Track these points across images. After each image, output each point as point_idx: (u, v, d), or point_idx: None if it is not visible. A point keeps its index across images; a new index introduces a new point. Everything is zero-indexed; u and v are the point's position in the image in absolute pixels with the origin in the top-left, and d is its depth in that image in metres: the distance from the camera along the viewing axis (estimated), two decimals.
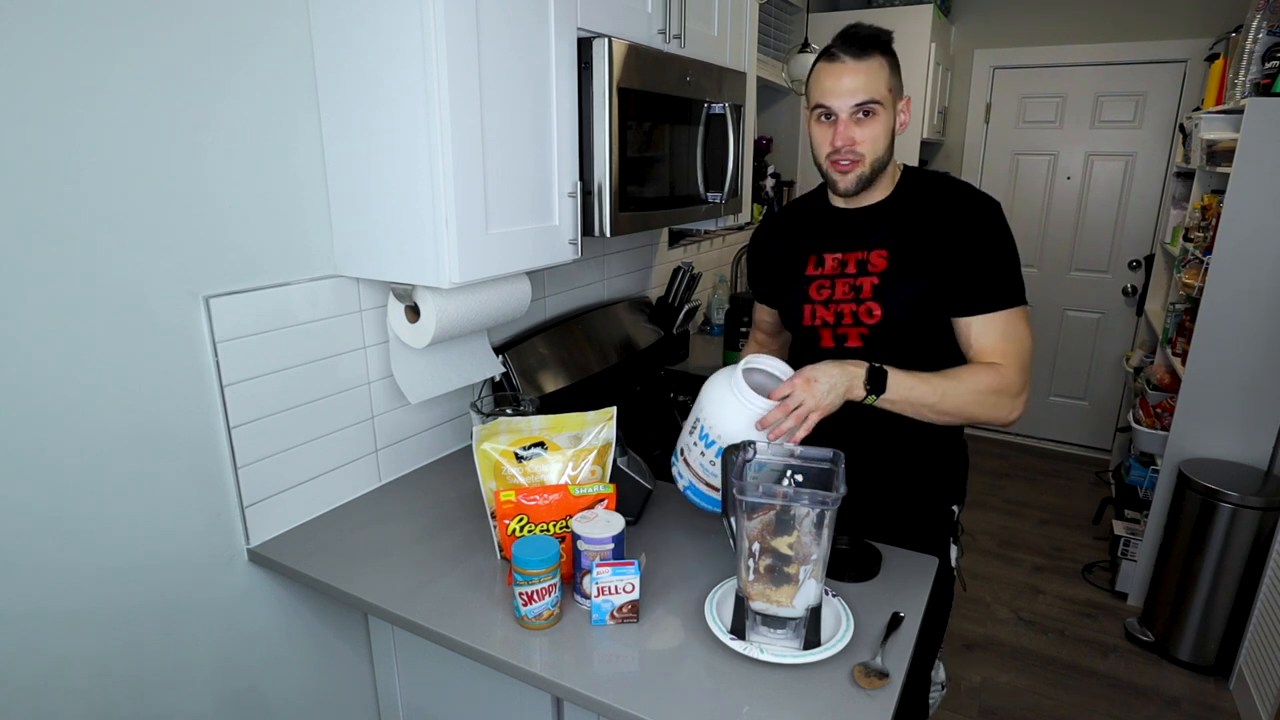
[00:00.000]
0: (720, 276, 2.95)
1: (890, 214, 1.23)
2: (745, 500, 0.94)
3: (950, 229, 1.18)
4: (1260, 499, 2.12)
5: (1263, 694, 1.97)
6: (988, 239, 1.18)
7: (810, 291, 1.28)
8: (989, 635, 2.44)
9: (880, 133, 1.15)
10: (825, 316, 1.27)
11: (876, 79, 1.12)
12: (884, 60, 1.13)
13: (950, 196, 1.22)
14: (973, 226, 1.18)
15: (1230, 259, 2.23)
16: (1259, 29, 2.23)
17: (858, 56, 1.11)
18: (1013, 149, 3.82)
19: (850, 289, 1.24)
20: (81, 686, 1.04)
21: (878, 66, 1.12)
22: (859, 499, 1.30)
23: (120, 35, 0.97)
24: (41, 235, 0.92)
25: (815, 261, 1.28)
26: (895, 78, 1.16)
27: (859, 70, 1.11)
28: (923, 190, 1.23)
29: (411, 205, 1.14)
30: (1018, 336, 1.18)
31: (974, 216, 1.19)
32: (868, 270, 1.23)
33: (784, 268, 1.34)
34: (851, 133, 1.14)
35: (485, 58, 1.12)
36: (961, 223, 1.19)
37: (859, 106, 1.12)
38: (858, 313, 1.23)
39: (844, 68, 1.12)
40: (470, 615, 1.05)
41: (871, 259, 1.22)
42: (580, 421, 1.20)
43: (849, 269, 1.24)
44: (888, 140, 1.17)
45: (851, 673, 0.94)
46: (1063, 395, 3.97)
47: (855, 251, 1.24)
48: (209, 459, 1.15)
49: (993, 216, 1.19)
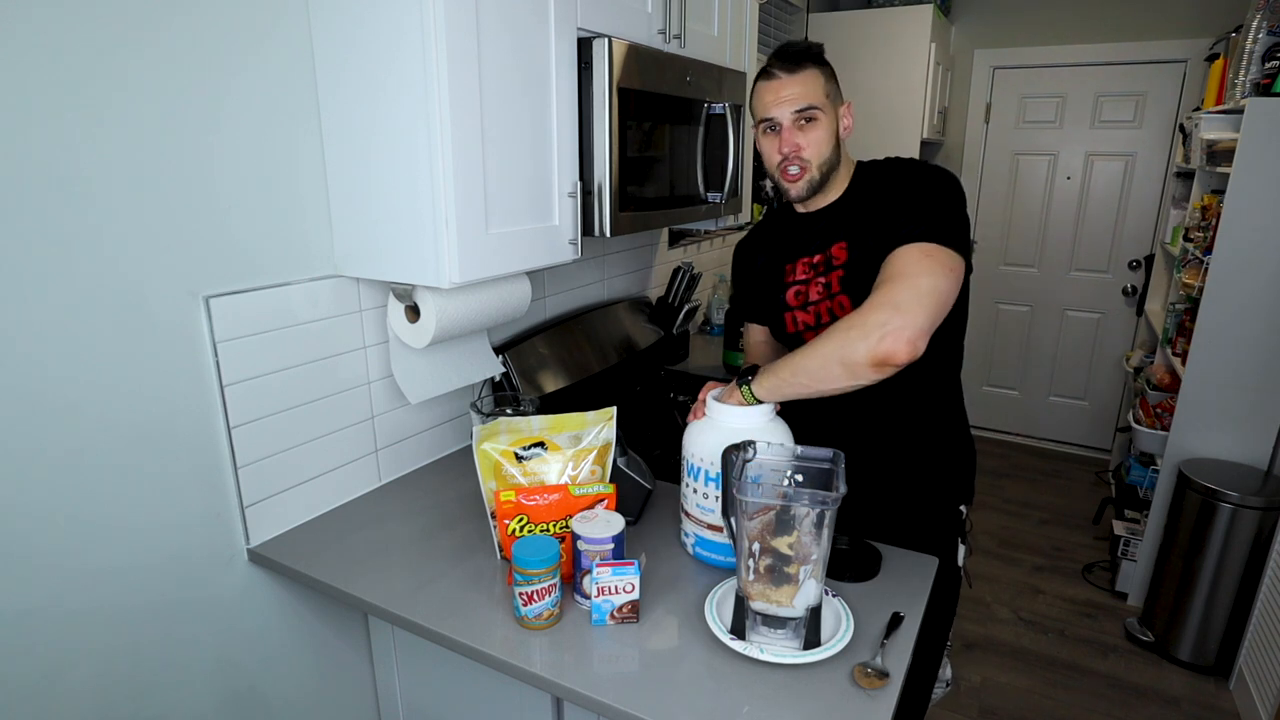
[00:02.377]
0: (720, 276, 2.95)
1: (847, 209, 1.25)
2: (745, 500, 0.94)
3: (890, 190, 1.19)
4: (1260, 499, 2.12)
5: (1263, 694, 1.97)
6: (918, 185, 1.16)
7: (789, 298, 1.30)
8: (989, 635, 2.45)
9: (823, 137, 1.19)
10: (805, 319, 1.28)
11: (812, 87, 1.17)
12: (818, 70, 1.18)
13: (896, 172, 1.22)
14: (907, 180, 1.18)
15: (1230, 259, 2.23)
16: (1259, 29, 2.23)
17: (791, 70, 1.17)
18: (1013, 149, 3.82)
19: (823, 288, 1.25)
20: (81, 686, 1.04)
21: (813, 76, 1.17)
22: (865, 498, 1.30)
23: (122, 38, 0.97)
24: (42, 235, 0.92)
25: (790, 270, 1.31)
26: (832, 85, 1.20)
27: (794, 81, 1.17)
28: (873, 178, 1.25)
29: (411, 205, 1.14)
30: (921, 267, 1.05)
31: (911, 173, 1.19)
32: (833, 265, 1.24)
33: (765, 281, 1.36)
34: (795, 139, 1.18)
35: (485, 58, 1.12)
36: (899, 180, 1.19)
37: (799, 114, 1.17)
38: (832, 308, 1.24)
39: (780, 82, 1.18)
40: (470, 615, 1.05)
41: (833, 253, 1.24)
42: (580, 421, 1.20)
43: (820, 269, 1.26)
44: (831, 144, 1.20)
45: (851, 673, 0.94)
46: (1063, 395, 3.97)
47: (820, 251, 1.26)
48: (209, 459, 1.15)
49: (932, 170, 1.18)
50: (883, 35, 3.30)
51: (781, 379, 1.10)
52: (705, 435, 1.15)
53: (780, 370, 1.10)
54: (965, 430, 1.36)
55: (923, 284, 1.04)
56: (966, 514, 1.38)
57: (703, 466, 1.14)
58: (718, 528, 1.15)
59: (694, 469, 1.16)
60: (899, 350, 1.00)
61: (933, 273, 1.05)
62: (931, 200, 1.13)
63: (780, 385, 1.10)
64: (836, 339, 1.04)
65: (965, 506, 1.37)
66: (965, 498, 1.37)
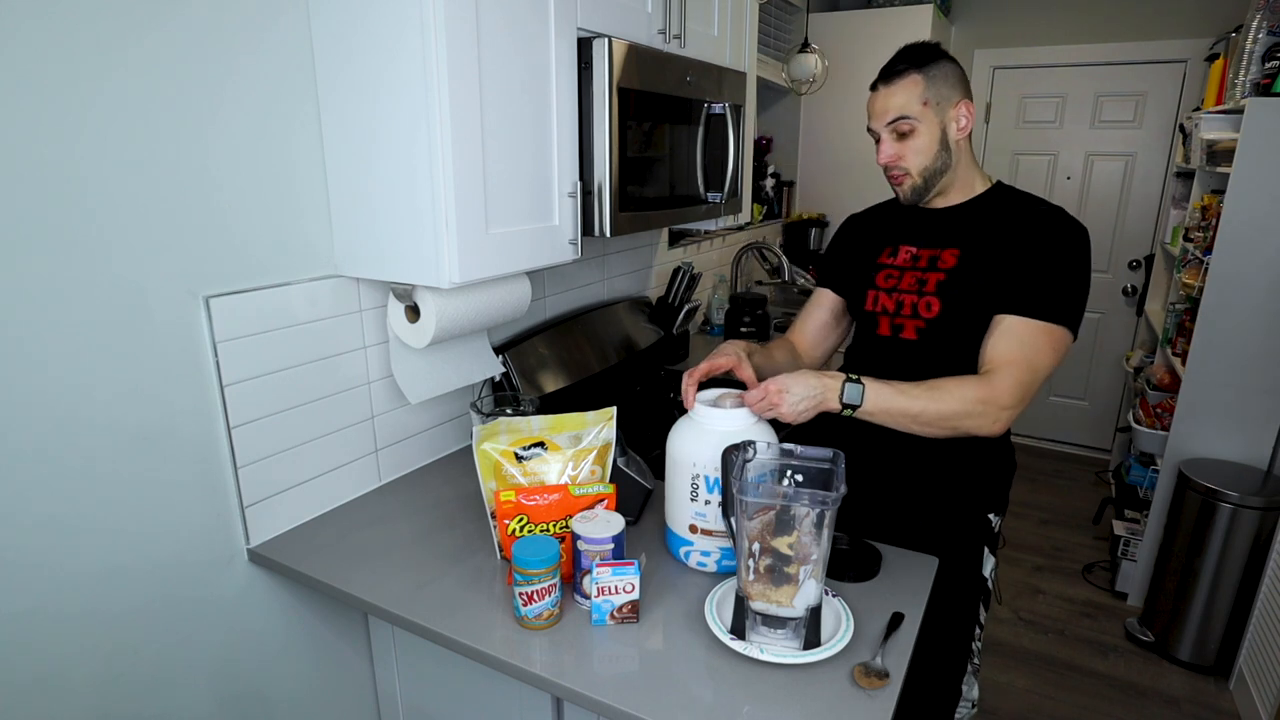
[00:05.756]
0: (720, 276, 2.95)
1: (971, 220, 1.26)
2: (745, 500, 0.94)
3: (1026, 236, 1.19)
4: (1260, 499, 2.12)
5: (1263, 694, 1.97)
6: (1056, 251, 1.18)
7: (878, 279, 1.32)
8: (989, 635, 2.44)
9: (922, 145, 1.21)
10: (886, 304, 1.29)
11: (909, 97, 1.19)
12: (919, 76, 1.19)
13: (1036, 210, 1.23)
14: (1047, 236, 1.19)
15: (1230, 259, 2.23)
16: (1259, 29, 2.23)
17: (887, 81, 1.21)
18: (1013, 149, 3.82)
19: (916, 282, 1.27)
20: (82, 686, 1.04)
21: (911, 84, 1.19)
22: (887, 498, 1.29)
23: (121, 36, 0.97)
24: (42, 235, 0.92)
25: (890, 251, 1.33)
26: (938, 88, 1.20)
27: (889, 94, 1.21)
28: (1011, 202, 1.26)
29: (411, 205, 1.14)
30: (1036, 351, 1.15)
31: (1053, 229, 1.20)
32: (937, 266, 1.25)
33: (861, 253, 1.38)
34: (891, 149, 1.23)
35: (485, 58, 1.12)
36: (1038, 232, 1.20)
37: (891, 125, 1.21)
38: (917, 305, 1.25)
39: (876, 95, 1.23)
40: (470, 615, 1.05)
41: (943, 256, 1.25)
42: (580, 421, 1.20)
43: (920, 264, 1.28)
44: (934, 149, 1.21)
45: (851, 673, 0.94)
46: (1063, 395, 3.97)
47: (929, 248, 1.28)
48: (209, 459, 1.15)
49: (1073, 236, 1.19)
50: (883, 35, 3.30)
51: (889, 411, 1.11)
52: (702, 439, 1.11)
53: (892, 400, 1.10)
54: (1004, 436, 1.29)
55: (1040, 375, 1.15)
56: (999, 523, 1.35)
57: (693, 466, 1.12)
58: (712, 531, 1.14)
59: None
60: (995, 432, 1.14)
61: (1049, 358, 1.15)
62: (1069, 273, 1.17)
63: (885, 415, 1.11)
64: (956, 407, 1.11)
65: (996, 515, 1.35)
66: (997, 506, 1.35)
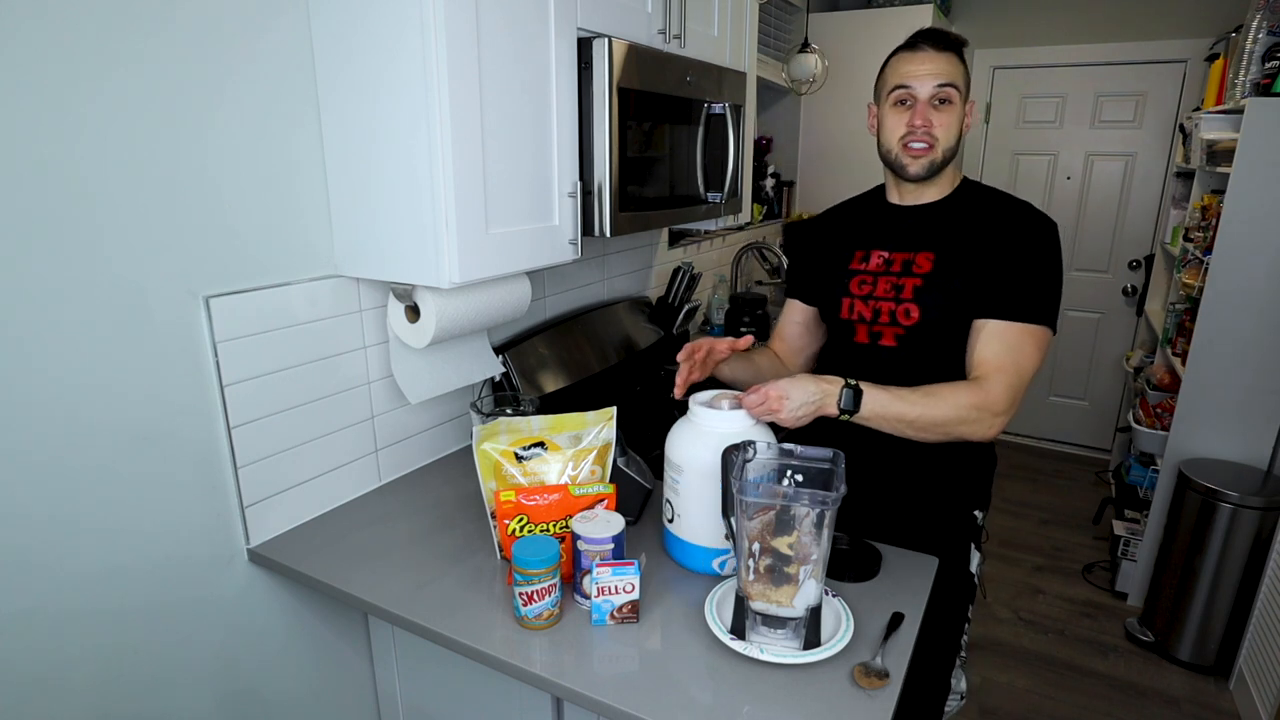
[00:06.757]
0: (720, 276, 2.95)
1: (943, 216, 1.24)
2: (745, 500, 0.94)
3: (998, 237, 1.19)
4: (1260, 499, 2.12)
5: (1263, 694, 1.97)
6: (1030, 250, 1.18)
7: (852, 286, 1.29)
8: (989, 635, 2.45)
9: (953, 122, 1.19)
10: (863, 312, 1.27)
11: (955, 69, 1.18)
12: (959, 59, 1.19)
13: (1007, 208, 1.23)
14: (1020, 236, 1.19)
15: (1230, 259, 2.23)
16: (1259, 29, 2.23)
17: (939, 48, 1.18)
18: (1013, 149, 3.82)
19: (892, 288, 1.25)
20: (81, 686, 1.04)
21: (956, 61, 1.19)
22: (878, 498, 1.29)
23: (121, 35, 0.97)
24: (42, 235, 0.92)
25: (861, 257, 1.30)
26: (967, 79, 1.21)
27: (940, 58, 1.18)
28: (979, 199, 1.25)
29: (411, 205, 1.14)
30: (1023, 354, 1.15)
31: (1025, 228, 1.20)
32: (912, 271, 1.24)
33: (829, 260, 1.35)
34: (930, 115, 1.18)
35: (485, 58, 1.12)
36: (1011, 232, 1.19)
37: (940, 88, 1.17)
38: (895, 313, 1.24)
39: (927, 54, 1.18)
40: (470, 615, 1.05)
41: (918, 260, 1.24)
42: (580, 421, 1.20)
43: (894, 268, 1.26)
44: (957, 133, 1.21)
45: (851, 673, 0.94)
46: (1063, 395, 3.97)
47: (902, 252, 1.26)
48: (209, 459, 1.15)
49: (1044, 233, 1.19)
50: (883, 35, 3.29)
51: (886, 416, 1.10)
52: (699, 443, 1.10)
53: (889, 406, 1.10)
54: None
55: (1027, 377, 1.16)
56: (982, 519, 1.36)
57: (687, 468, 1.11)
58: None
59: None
60: (989, 437, 1.15)
61: (1035, 359, 1.16)
62: (1045, 272, 1.17)
63: (881, 420, 1.11)
64: (951, 414, 1.11)
65: (980, 512, 1.36)
66: (981, 502, 1.36)
